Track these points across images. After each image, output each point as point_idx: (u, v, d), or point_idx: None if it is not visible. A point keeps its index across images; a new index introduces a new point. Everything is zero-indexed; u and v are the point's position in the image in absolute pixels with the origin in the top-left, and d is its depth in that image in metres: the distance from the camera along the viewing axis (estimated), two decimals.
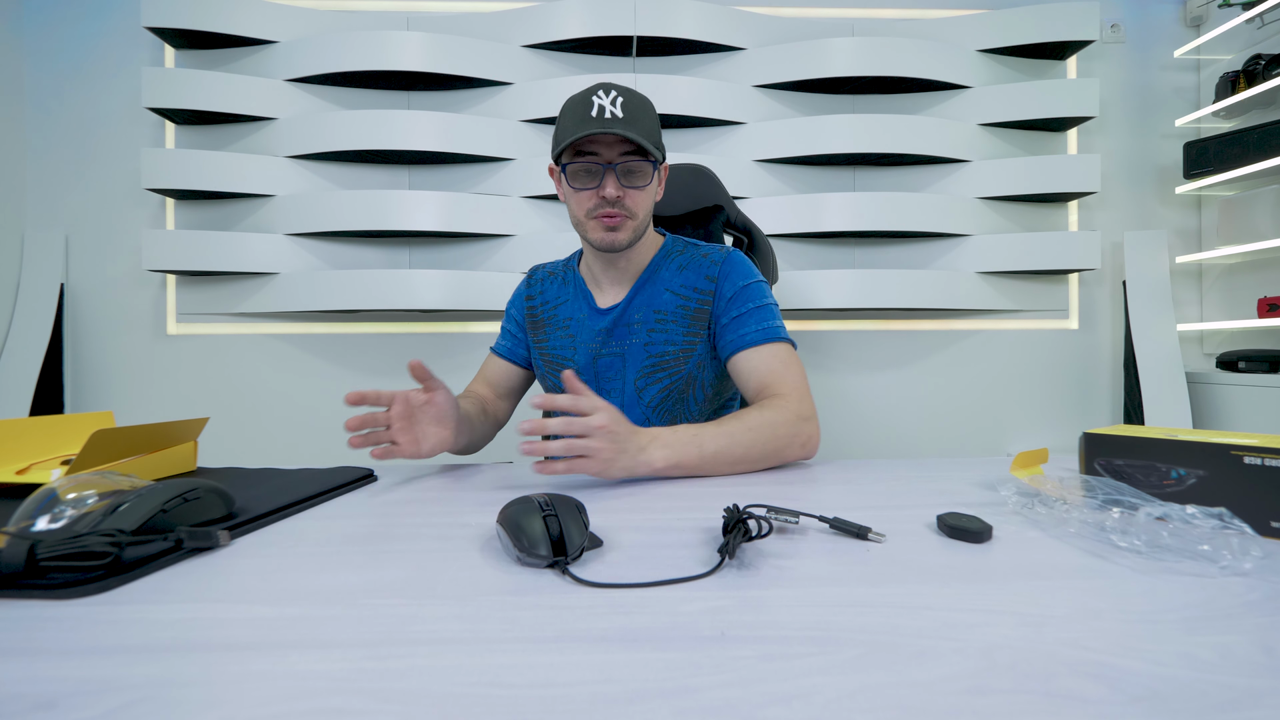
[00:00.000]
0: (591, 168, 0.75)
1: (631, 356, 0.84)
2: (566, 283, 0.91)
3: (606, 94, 0.74)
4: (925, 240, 1.93)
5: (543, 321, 0.90)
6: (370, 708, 0.24)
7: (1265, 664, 0.27)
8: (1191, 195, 2.03)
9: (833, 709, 0.23)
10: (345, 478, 0.63)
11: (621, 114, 0.73)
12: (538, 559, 0.38)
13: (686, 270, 0.85)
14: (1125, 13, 2.01)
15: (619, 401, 0.86)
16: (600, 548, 0.42)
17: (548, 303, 0.91)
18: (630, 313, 0.85)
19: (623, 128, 0.72)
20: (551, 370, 0.89)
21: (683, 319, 0.84)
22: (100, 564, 0.36)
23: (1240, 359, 1.77)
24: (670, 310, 0.84)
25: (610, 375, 0.86)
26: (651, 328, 0.84)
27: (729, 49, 1.88)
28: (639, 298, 0.85)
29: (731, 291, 0.82)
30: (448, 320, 1.92)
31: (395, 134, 1.75)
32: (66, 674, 0.26)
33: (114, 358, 1.88)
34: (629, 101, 0.74)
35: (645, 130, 0.75)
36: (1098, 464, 0.53)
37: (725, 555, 0.38)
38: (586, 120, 0.73)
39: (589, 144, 0.75)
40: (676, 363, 0.84)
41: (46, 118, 1.86)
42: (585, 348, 0.86)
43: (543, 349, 0.90)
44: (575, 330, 0.87)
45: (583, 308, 0.88)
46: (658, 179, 0.81)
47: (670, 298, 0.84)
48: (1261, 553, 0.38)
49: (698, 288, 0.84)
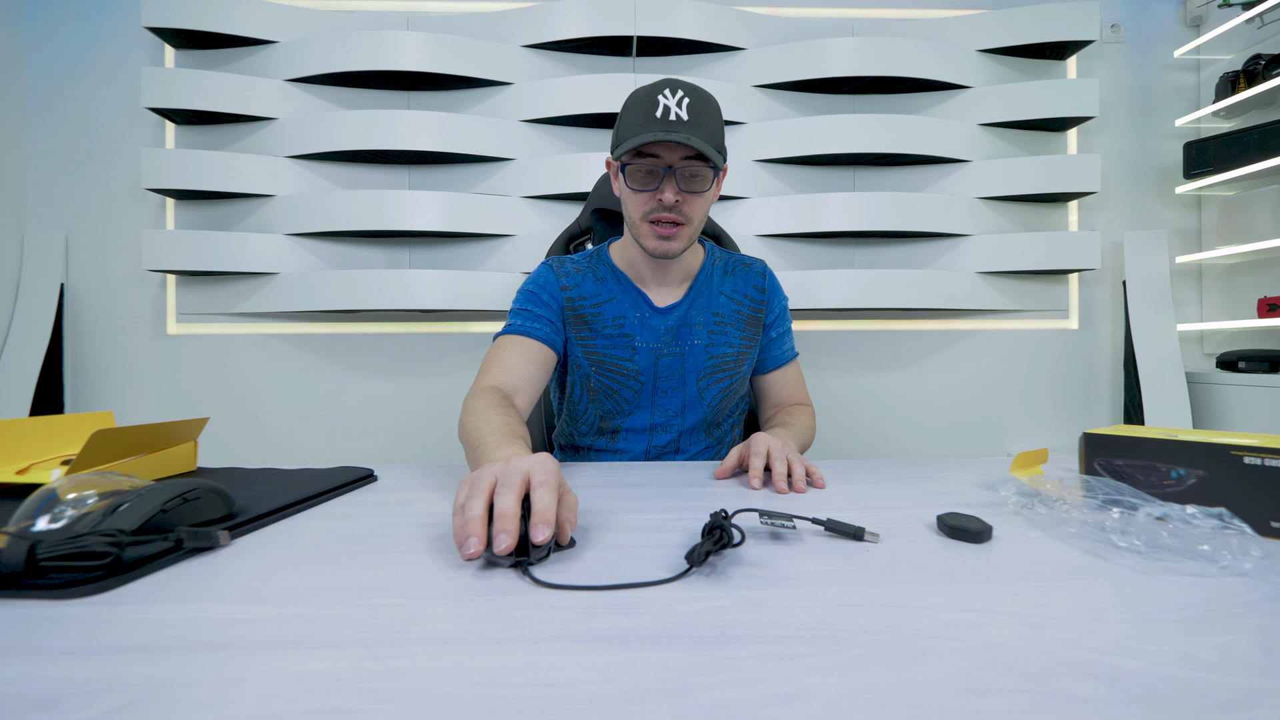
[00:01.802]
0: (652, 169, 0.74)
1: (692, 358, 0.85)
2: (603, 279, 0.85)
3: (673, 94, 0.72)
4: (925, 240, 1.93)
5: (586, 317, 0.84)
6: (370, 708, 0.24)
7: (1265, 664, 0.27)
8: (1191, 195, 2.03)
9: (833, 709, 0.23)
10: (345, 478, 0.63)
11: (687, 116, 0.71)
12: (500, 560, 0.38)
13: (734, 276, 0.89)
14: (1125, 13, 2.01)
15: (679, 401, 0.85)
16: (573, 548, 0.42)
17: (586, 298, 0.84)
18: (693, 314, 0.85)
19: (687, 133, 0.71)
20: (601, 371, 0.83)
21: (739, 323, 0.87)
22: (100, 564, 0.36)
23: (1240, 359, 1.77)
24: (727, 314, 0.87)
25: (668, 375, 0.85)
26: (712, 329, 0.85)
27: (729, 49, 1.88)
28: (700, 300, 0.86)
29: (779, 309, 0.91)
30: (448, 320, 1.92)
31: (395, 134, 1.75)
32: (66, 674, 0.26)
33: (114, 358, 1.88)
34: (695, 103, 0.72)
35: (710, 134, 0.73)
36: (1098, 464, 0.53)
37: (692, 563, 0.37)
38: (650, 121, 0.71)
39: (651, 146, 0.73)
40: (735, 365, 0.86)
41: (46, 118, 1.86)
42: (648, 349, 0.83)
43: (590, 349, 0.84)
44: (633, 330, 0.83)
45: (639, 307, 0.84)
46: (717, 184, 0.79)
47: (725, 301, 0.87)
48: (1261, 553, 0.38)
49: (749, 295, 0.88)
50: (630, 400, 0.85)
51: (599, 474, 0.68)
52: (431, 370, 1.92)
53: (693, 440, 0.88)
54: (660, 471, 0.69)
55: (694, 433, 0.87)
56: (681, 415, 0.86)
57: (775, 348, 0.90)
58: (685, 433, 0.86)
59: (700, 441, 0.88)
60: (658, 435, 0.86)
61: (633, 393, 0.84)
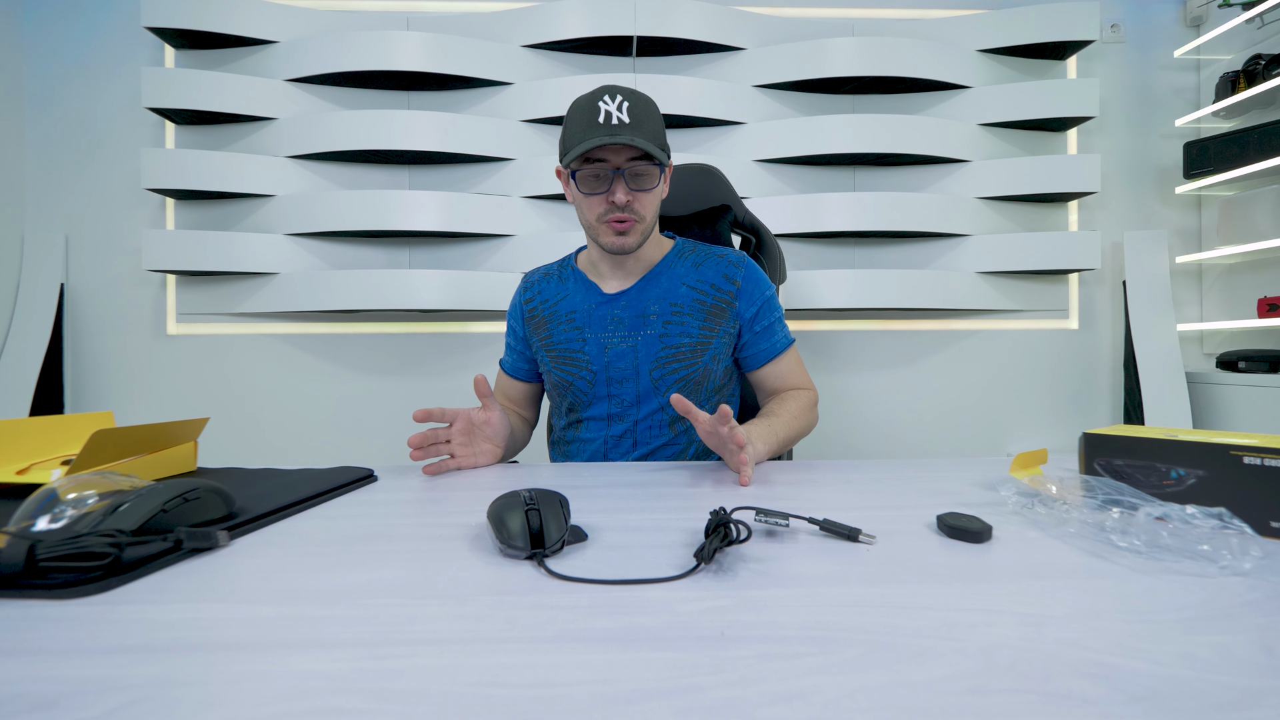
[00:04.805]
0: (600, 173, 0.78)
1: (645, 348, 0.86)
2: (564, 279, 0.92)
3: (613, 99, 0.76)
4: (925, 240, 1.93)
5: (544, 319, 0.91)
6: (370, 708, 0.24)
7: (1265, 664, 0.27)
8: (1191, 195, 2.03)
9: (833, 709, 0.23)
10: (345, 478, 0.63)
11: (628, 119, 0.75)
12: (516, 550, 0.40)
13: (703, 267, 0.89)
14: (1125, 13, 2.01)
15: (633, 392, 0.86)
16: (584, 542, 0.43)
17: (547, 301, 0.92)
18: (644, 302, 0.86)
19: (630, 135, 0.75)
20: (559, 365, 0.89)
21: (699, 313, 0.86)
22: (100, 564, 0.36)
23: (1240, 359, 1.77)
24: (687, 304, 0.87)
25: (622, 366, 0.86)
26: (668, 319, 0.86)
27: (729, 49, 1.88)
28: (651, 289, 0.87)
29: (760, 301, 0.88)
30: (448, 320, 1.92)
31: (395, 134, 1.75)
32: (66, 674, 0.26)
33: (114, 358, 1.88)
34: (635, 105, 0.77)
35: (651, 133, 0.77)
36: (1098, 464, 0.53)
37: (701, 560, 0.38)
38: (594, 127, 0.75)
39: (597, 151, 0.77)
40: (693, 355, 0.86)
41: (46, 118, 1.86)
42: (595, 338, 0.87)
43: (548, 345, 0.90)
44: (582, 321, 0.88)
45: (587, 298, 0.89)
46: (664, 180, 0.83)
47: (687, 291, 0.87)
48: (1261, 553, 0.38)
49: (716, 285, 0.87)
50: (586, 391, 0.88)
51: (599, 474, 0.68)
52: (431, 370, 1.92)
53: (651, 433, 0.87)
54: (659, 472, 0.69)
55: (651, 424, 0.86)
56: (636, 405, 0.86)
57: (763, 341, 0.88)
58: (640, 422, 0.86)
59: (661, 435, 0.87)
60: (614, 425, 0.87)
61: (587, 383, 0.87)
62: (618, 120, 0.75)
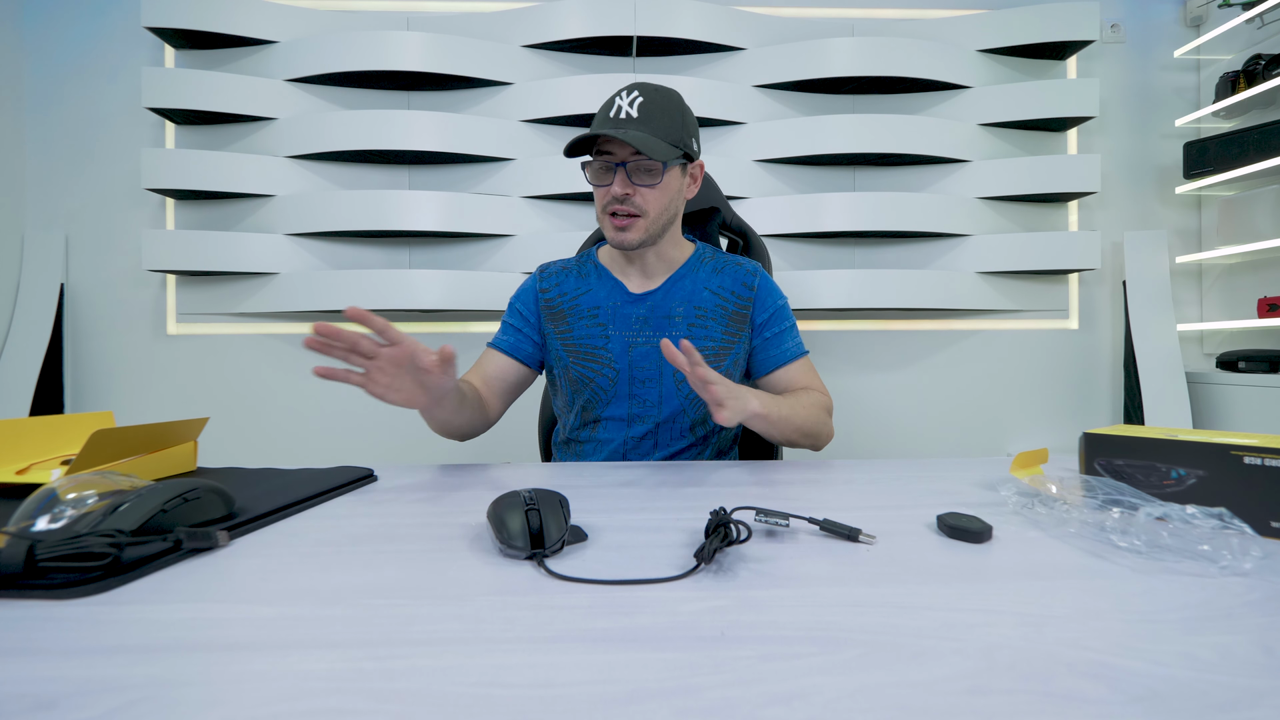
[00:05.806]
0: (606, 165, 0.79)
1: None
2: (585, 274, 0.90)
3: (629, 94, 0.78)
4: (925, 240, 1.93)
5: (564, 313, 0.89)
6: (370, 708, 0.24)
7: (1265, 664, 0.27)
8: (1191, 195, 2.03)
9: (833, 709, 0.23)
10: (345, 478, 0.63)
11: (636, 114, 0.76)
12: (516, 550, 0.40)
13: (723, 274, 0.89)
14: (1125, 13, 2.01)
15: (656, 393, 0.86)
16: (584, 542, 0.43)
17: (566, 294, 0.89)
18: (670, 304, 0.87)
19: (628, 130, 0.76)
20: (578, 360, 0.87)
21: (721, 318, 0.87)
22: (100, 564, 0.36)
23: (1240, 359, 1.77)
24: (710, 308, 0.87)
25: (646, 366, 0.86)
26: (692, 322, 0.86)
27: (729, 49, 1.88)
28: (677, 289, 0.87)
29: (772, 308, 0.89)
30: (448, 320, 1.92)
31: (395, 134, 1.75)
32: (66, 674, 0.26)
33: (114, 358, 1.88)
34: (649, 102, 0.77)
35: (661, 129, 0.77)
36: (1098, 464, 0.53)
37: (701, 560, 0.38)
38: (604, 120, 0.78)
39: (604, 143, 0.78)
40: (715, 360, 0.86)
41: (46, 118, 1.86)
42: (620, 336, 0.86)
43: (566, 339, 0.88)
44: (606, 318, 0.87)
45: (613, 295, 0.88)
46: (681, 176, 0.83)
47: (709, 296, 0.88)
48: (1261, 553, 0.38)
49: (736, 292, 0.88)
50: (607, 389, 0.87)
51: (599, 474, 0.68)
52: None
53: (672, 435, 0.87)
54: (659, 472, 0.69)
55: (672, 426, 0.87)
56: (659, 407, 0.86)
57: (773, 347, 0.88)
58: (662, 424, 0.86)
59: (683, 439, 0.88)
60: (635, 426, 0.87)
61: (609, 380, 0.86)
62: (625, 115, 0.76)
